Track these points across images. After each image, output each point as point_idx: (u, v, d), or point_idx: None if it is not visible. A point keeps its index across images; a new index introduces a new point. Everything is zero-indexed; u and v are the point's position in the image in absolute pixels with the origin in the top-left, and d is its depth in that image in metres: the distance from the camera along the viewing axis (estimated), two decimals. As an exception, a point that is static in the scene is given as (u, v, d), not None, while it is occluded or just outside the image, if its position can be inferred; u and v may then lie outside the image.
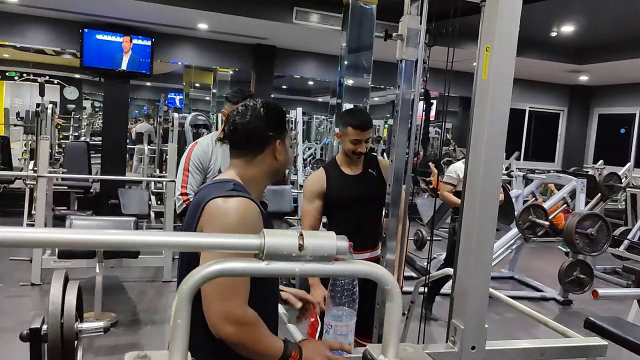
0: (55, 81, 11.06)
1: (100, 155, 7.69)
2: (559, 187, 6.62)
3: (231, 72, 10.39)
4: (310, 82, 12.44)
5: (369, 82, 5.21)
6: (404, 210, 2.26)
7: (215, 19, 6.65)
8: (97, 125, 12.29)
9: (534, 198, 7.01)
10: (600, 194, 6.35)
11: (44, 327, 1.67)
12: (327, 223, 2.56)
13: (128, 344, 3.60)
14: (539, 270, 6.26)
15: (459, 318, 1.59)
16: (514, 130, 10.26)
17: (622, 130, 10.52)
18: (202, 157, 2.64)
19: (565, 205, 6.24)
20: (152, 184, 7.42)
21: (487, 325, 1.48)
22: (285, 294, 1.59)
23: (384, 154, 8.63)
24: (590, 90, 10.59)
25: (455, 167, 4.29)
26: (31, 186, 5.90)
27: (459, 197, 3.67)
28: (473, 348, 1.44)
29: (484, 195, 1.57)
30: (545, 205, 5.69)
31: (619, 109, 10.24)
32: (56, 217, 5.40)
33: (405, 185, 2.13)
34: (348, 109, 4.48)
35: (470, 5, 1.97)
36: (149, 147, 8.64)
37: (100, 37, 7.17)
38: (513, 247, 5.68)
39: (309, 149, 13.06)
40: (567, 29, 7.02)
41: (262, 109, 1.45)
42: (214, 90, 10.63)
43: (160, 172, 8.12)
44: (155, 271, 5.15)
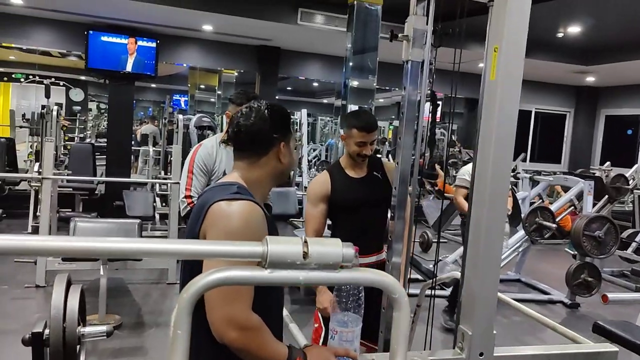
0: (60, 83, 11.09)
1: (105, 156, 7.70)
2: (566, 189, 6.56)
3: (236, 73, 10.39)
4: (315, 84, 12.42)
5: (374, 84, 5.18)
6: (410, 213, 2.23)
7: (219, 20, 6.64)
8: (103, 126, 12.32)
9: (540, 200, 6.96)
10: (607, 196, 6.30)
11: (46, 331, 1.66)
12: (331, 226, 2.53)
13: (132, 347, 3.58)
14: (545, 272, 6.21)
15: (466, 324, 1.56)
16: (520, 132, 10.19)
17: (629, 132, 10.44)
18: (207, 159, 2.62)
19: (572, 207, 6.19)
20: (157, 185, 7.41)
21: (495, 332, 1.45)
22: None
23: (389, 156, 8.61)
24: (597, 92, 10.52)
25: (468, 169, 4.19)
26: (36, 188, 5.93)
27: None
28: (481, 354, 1.42)
29: (492, 198, 1.54)
30: (552, 208, 5.64)
31: (626, 110, 10.16)
32: (61, 219, 5.40)
33: (411, 187, 2.11)
34: (353, 110, 4.46)
35: (477, 5, 1.95)
36: (154, 148, 8.63)
37: (105, 38, 7.17)
38: (520, 249, 5.64)
39: (314, 150, 13.04)
40: (574, 29, 6.97)
41: (266, 111, 1.43)
42: (219, 92, 10.63)
43: (165, 173, 8.11)
44: (159, 273, 5.14)
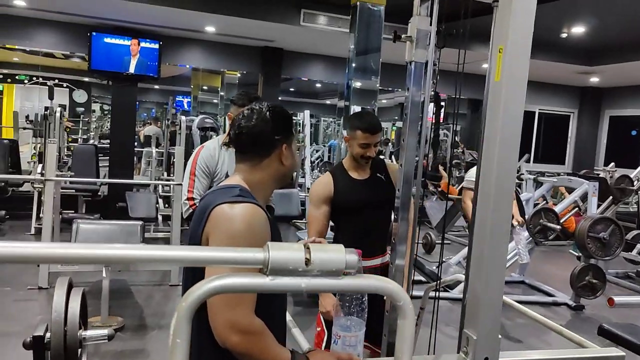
0: (64, 84, 11.13)
1: (108, 158, 7.70)
2: (570, 190, 6.53)
3: (239, 74, 10.39)
4: (318, 85, 12.42)
5: (377, 85, 5.17)
6: (414, 215, 2.22)
7: (222, 21, 6.64)
8: (106, 128, 12.34)
9: (544, 201, 6.93)
10: (611, 197, 6.27)
11: (47, 335, 1.65)
12: (334, 229, 2.51)
13: (134, 349, 3.57)
14: (550, 274, 6.18)
15: (471, 328, 1.54)
16: (524, 133, 9.87)
17: (634, 132, 10.39)
18: (209, 161, 2.61)
19: (576, 208, 6.16)
20: (160, 187, 7.41)
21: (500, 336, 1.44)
22: None
23: (392, 157, 8.59)
24: (601, 92, 10.48)
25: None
26: (39, 189, 5.93)
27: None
28: (486, 359, 1.39)
29: (497, 200, 1.52)
30: (557, 209, 5.61)
31: (631, 110, 10.12)
32: (64, 221, 5.39)
33: (415, 189, 2.09)
34: (356, 112, 4.44)
35: (481, 5, 1.93)
36: (157, 150, 8.64)
37: (108, 40, 7.18)
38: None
39: (317, 151, 13.03)
40: (578, 30, 6.94)
41: (267, 113, 1.42)
42: (222, 93, 10.63)
43: (168, 175, 8.11)
44: (162, 275, 5.13)
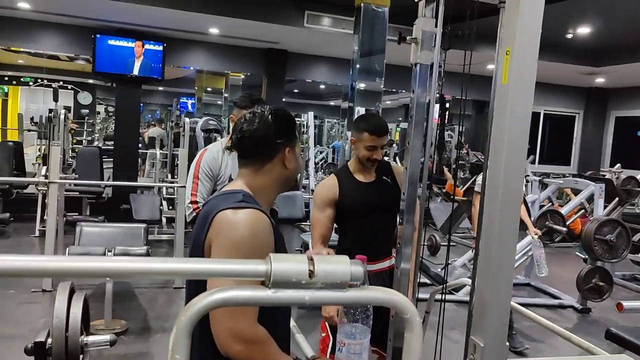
0: (69, 86, 11.15)
1: (112, 159, 7.71)
2: (576, 191, 6.47)
3: (243, 76, 10.38)
4: (322, 86, 12.39)
5: (381, 86, 5.15)
6: (419, 217, 2.19)
7: (226, 23, 6.63)
8: (111, 129, 12.37)
9: (550, 203, 6.88)
10: (618, 199, 6.21)
11: (49, 340, 1.63)
12: (339, 232, 2.48)
13: (138, 352, 3.56)
14: (555, 276, 6.12)
15: (478, 335, 1.52)
16: (529, 134, 10.08)
17: (640, 133, 10.33)
18: (212, 164, 2.59)
19: (582, 210, 6.11)
20: (164, 189, 7.40)
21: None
22: None
23: (397, 158, 8.56)
24: (607, 93, 10.41)
25: None
26: (43, 191, 5.93)
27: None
28: (494, 367, 1.37)
29: (505, 205, 1.50)
30: (563, 211, 5.57)
31: (637, 111, 10.04)
32: (68, 223, 5.38)
33: (421, 191, 2.06)
34: (363, 114, 4.42)
35: (487, 6, 1.91)
36: (161, 151, 8.63)
37: (112, 42, 7.18)
38: (529, 253, 5.56)
39: (321, 153, 13.00)
40: (583, 30, 6.89)
41: (270, 116, 1.39)
42: (226, 95, 10.62)
43: (172, 176, 8.10)
44: (166, 277, 5.12)
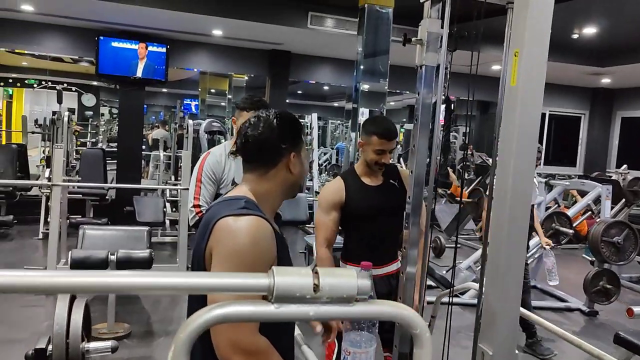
0: (73, 88, 11.18)
1: (116, 161, 7.70)
2: (582, 192, 6.41)
3: (246, 78, 10.37)
4: (326, 87, 12.37)
5: (386, 87, 5.10)
6: (426, 221, 2.15)
7: (229, 25, 6.61)
8: (114, 131, 12.39)
9: (556, 205, 6.82)
10: (624, 200, 6.15)
11: (49, 347, 1.61)
12: (345, 235, 2.44)
13: (141, 356, 3.53)
14: (562, 278, 6.04)
15: (486, 342, 1.48)
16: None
17: (646, 134, 10.24)
18: (215, 167, 2.56)
19: (589, 212, 6.06)
20: (167, 191, 7.39)
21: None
22: None
23: (401, 159, 8.51)
24: (613, 93, 10.34)
25: None
26: (47, 194, 5.92)
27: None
28: (503, 377, 1.33)
29: (514, 207, 1.46)
30: (569, 212, 5.52)
31: (643, 111, 9.97)
32: (71, 225, 5.37)
33: (427, 194, 2.03)
34: (372, 117, 4.38)
35: (494, 7, 1.87)
36: (165, 153, 8.63)
37: (115, 44, 7.17)
38: (536, 255, 5.51)
39: (325, 154, 12.98)
40: (589, 30, 6.84)
41: (274, 120, 1.36)
42: (229, 96, 10.62)
43: (176, 178, 8.09)
44: (169, 280, 5.09)
